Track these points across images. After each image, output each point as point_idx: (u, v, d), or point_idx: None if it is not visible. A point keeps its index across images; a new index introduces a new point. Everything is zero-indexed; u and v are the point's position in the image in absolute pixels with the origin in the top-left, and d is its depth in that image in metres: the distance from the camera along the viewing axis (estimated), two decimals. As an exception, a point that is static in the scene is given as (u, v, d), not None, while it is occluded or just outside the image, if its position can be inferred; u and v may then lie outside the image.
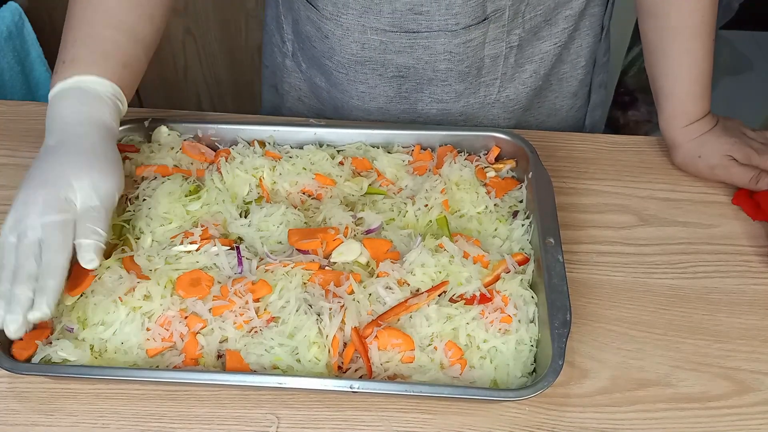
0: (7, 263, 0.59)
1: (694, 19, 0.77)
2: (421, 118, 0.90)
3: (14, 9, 1.35)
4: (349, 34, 0.81)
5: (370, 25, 0.80)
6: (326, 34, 0.83)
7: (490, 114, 0.91)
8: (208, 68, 1.79)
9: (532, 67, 0.88)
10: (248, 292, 0.63)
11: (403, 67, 0.84)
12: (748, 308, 0.70)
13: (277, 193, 0.75)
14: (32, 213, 0.60)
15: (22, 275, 0.58)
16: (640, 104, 1.97)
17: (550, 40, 0.86)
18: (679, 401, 0.62)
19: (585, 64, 0.93)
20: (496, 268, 0.66)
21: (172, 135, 0.79)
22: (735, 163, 0.79)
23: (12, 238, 0.59)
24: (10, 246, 0.59)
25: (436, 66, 0.83)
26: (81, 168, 0.62)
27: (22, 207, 0.61)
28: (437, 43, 0.80)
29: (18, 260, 0.58)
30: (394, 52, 0.82)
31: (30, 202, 0.61)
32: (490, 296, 0.63)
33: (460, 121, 0.90)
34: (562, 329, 0.60)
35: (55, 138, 0.65)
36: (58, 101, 0.67)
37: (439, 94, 0.87)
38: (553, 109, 0.96)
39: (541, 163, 0.74)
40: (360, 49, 0.82)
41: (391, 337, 0.60)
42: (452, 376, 0.60)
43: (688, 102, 0.81)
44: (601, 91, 1.00)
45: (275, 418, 0.60)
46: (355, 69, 0.85)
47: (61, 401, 0.61)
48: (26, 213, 0.60)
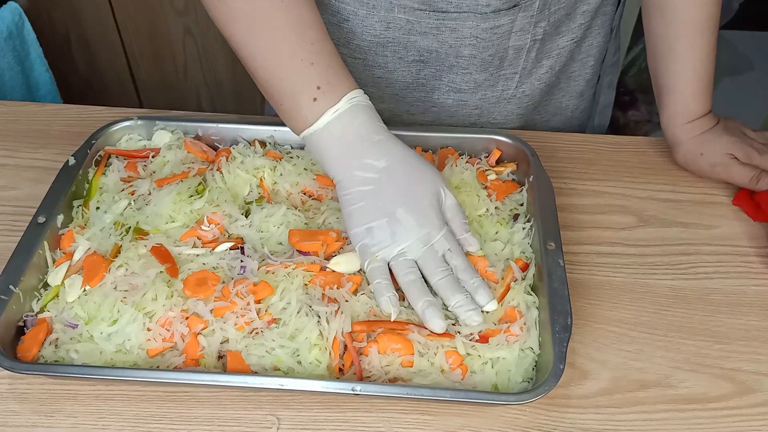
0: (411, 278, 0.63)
1: (700, 15, 0.78)
2: (435, 108, 0.89)
3: (14, 9, 1.35)
4: (374, 13, 0.80)
5: (398, 2, 0.78)
6: (346, 16, 0.81)
7: (505, 110, 0.90)
8: (208, 68, 1.79)
9: (549, 62, 0.87)
10: (250, 293, 0.63)
11: (426, 50, 0.83)
12: (749, 309, 0.70)
13: (277, 193, 0.75)
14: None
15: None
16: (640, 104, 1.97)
17: (567, 35, 0.86)
18: (680, 402, 0.62)
19: (593, 64, 0.93)
20: (506, 278, 0.66)
21: (173, 136, 0.79)
22: (736, 162, 0.79)
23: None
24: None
25: (459, 51, 0.82)
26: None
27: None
28: (464, 26, 0.79)
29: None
30: (419, 33, 0.81)
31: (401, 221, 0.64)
32: (499, 329, 0.62)
33: (474, 114, 0.90)
34: (563, 333, 0.60)
35: (384, 160, 0.65)
36: (348, 121, 0.65)
37: (458, 82, 0.86)
38: (558, 108, 0.96)
39: (541, 166, 0.74)
40: (384, 29, 0.81)
41: (390, 341, 0.60)
42: (453, 380, 0.60)
43: (692, 99, 0.81)
44: (609, 92, 1.00)
45: (276, 419, 0.60)
46: (375, 52, 0.84)
47: (61, 402, 0.61)
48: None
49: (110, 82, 1.84)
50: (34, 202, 0.71)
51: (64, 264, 0.66)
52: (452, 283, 0.63)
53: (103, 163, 0.76)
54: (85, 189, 0.74)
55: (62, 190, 0.71)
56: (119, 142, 0.79)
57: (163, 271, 0.65)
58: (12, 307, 0.62)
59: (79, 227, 0.70)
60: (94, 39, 1.73)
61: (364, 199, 0.64)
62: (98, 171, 0.76)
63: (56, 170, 0.73)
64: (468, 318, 0.62)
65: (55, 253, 0.68)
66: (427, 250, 0.64)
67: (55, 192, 0.71)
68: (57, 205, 0.69)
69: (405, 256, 0.64)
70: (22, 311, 0.63)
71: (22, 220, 0.74)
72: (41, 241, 0.66)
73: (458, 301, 0.62)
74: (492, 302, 0.63)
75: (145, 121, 0.79)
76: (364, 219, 0.64)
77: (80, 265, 0.66)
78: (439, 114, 0.90)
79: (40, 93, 1.48)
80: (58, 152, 0.83)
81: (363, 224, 0.64)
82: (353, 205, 0.65)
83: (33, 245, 0.66)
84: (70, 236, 0.69)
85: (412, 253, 0.63)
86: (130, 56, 1.78)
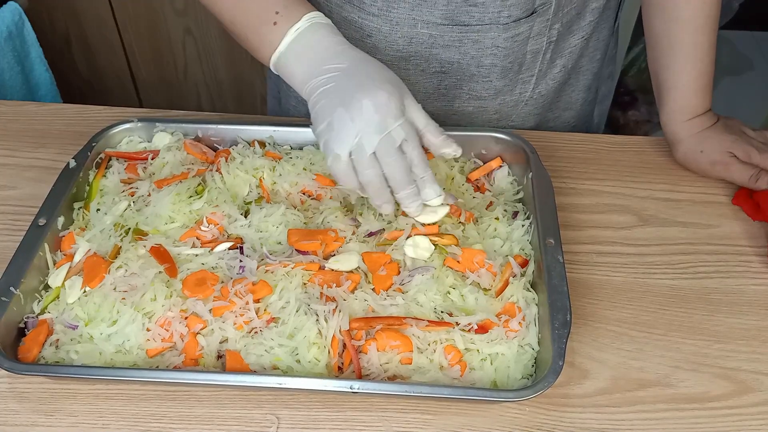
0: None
1: (701, 13, 0.78)
2: (456, 116, 0.90)
3: (14, 9, 1.35)
4: (397, 29, 0.80)
5: (421, 18, 0.79)
6: (369, 32, 0.82)
7: (523, 112, 0.91)
8: (208, 68, 1.79)
9: (562, 61, 0.88)
10: (249, 292, 0.63)
11: (447, 62, 0.83)
12: (748, 308, 0.70)
13: (277, 193, 0.75)
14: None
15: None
16: (640, 104, 1.97)
17: (578, 33, 0.87)
18: (679, 402, 0.62)
19: (600, 57, 0.93)
20: (504, 272, 0.66)
21: (172, 137, 0.79)
22: (735, 160, 0.79)
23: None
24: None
25: (481, 61, 0.83)
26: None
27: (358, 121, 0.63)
28: (486, 37, 0.80)
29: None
30: (442, 47, 0.81)
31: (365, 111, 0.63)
32: (497, 322, 0.62)
33: (494, 119, 0.90)
34: (563, 330, 0.60)
35: (345, 62, 0.66)
36: (309, 37, 0.67)
37: (479, 90, 0.86)
38: (569, 103, 0.96)
39: (541, 164, 0.74)
40: (407, 44, 0.82)
41: (389, 338, 0.60)
42: (452, 377, 0.60)
43: (692, 96, 0.81)
44: (609, 82, 1.01)
45: (275, 418, 0.60)
46: (398, 66, 0.84)
47: (61, 401, 0.61)
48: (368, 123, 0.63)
49: (110, 82, 1.84)
50: (34, 202, 0.72)
51: (64, 266, 0.66)
52: (403, 175, 0.64)
53: (103, 165, 0.77)
54: (86, 191, 0.75)
55: (63, 193, 0.71)
56: (119, 145, 0.79)
57: (162, 271, 0.65)
58: (13, 309, 0.62)
59: (79, 229, 0.70)
60: (94, 39, 1.73)
61: (325, 97, 0.65)
62: (99, 173, 0.76)
63: (56, 170, 0.74)
64: (408, 208, 0.66)
65: (55, 254, 0.68)
66: (383, 139, 0.63)
67: (55, 194, 0.71)
68: (57, 207, 0.70)
69: (364, 148, 0.63)
70: (23, 313, 0.63)
71: (22, 219, 0.74)
72: (42, 243, 0.66)
73: (406, 193, 0.65)
74: (438, 198, 0.66)
75: (145, 123, 0.79)
76: (324, 115, 0.65)
77: (80, 267, 0.66)
78: (460, 121, 0.91)
79: (40, 93, 1.48)
80: (58, 152, 0.83)
81: (324, 121, 0.65)
82: (317, 106, 0.65)
83: (34, 247, 0.66)
84: (70, 238, 0.69)
85: (370, 144, 0.63)
86: (130, 56, 1.78)
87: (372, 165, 0.63)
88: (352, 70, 0.65)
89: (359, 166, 0.64)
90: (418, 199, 0.65)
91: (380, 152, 0.63)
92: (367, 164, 0.63)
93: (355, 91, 0.63)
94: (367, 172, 0.63)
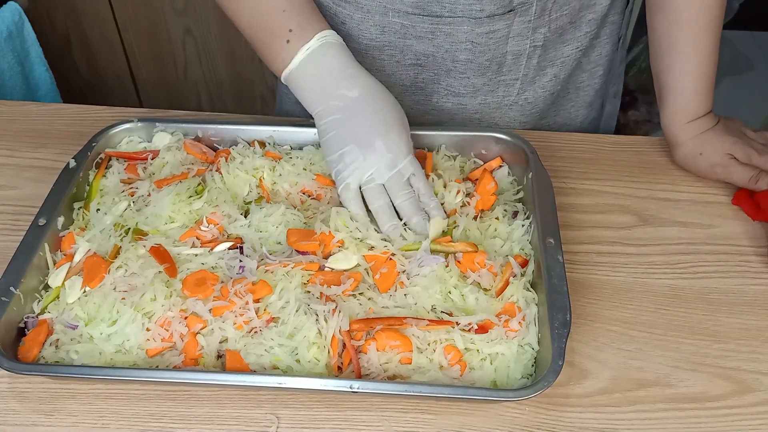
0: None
1: (704, 15, 0.78)
2: (434, 111, 0.90)
3: (14, 9, 1.36)
4: (369, 17, 0.81)
5: (392, 6, 0.79)
6: (342, 20, 0.82)
7: (507, 116, 0.90)
8: (208, 68, 1.79)
9: (553, 70, 0.87)
10: (248, 292, 0.63)
11: (422, 54, 0.83)
12: (748, 308, 0.70)
13: (277, 193, 0.75)
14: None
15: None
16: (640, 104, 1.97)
17: (572, 43, 0.86)
18: (679, 401, 0.62)
19: (602, 74, 0.93)
20: (505, 273, 0.66)
21: (172, 137, 0.79)
22: (735, 162, 0.79)
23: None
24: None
25: (456, 56, 0.83)
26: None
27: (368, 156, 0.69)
28: (459, 31, 0.80)
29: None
30: (415, 38, 0.82)
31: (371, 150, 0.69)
32: (497, 322, 0.62)
33: (475, 119, 0.90)
34: (562, 329, 0.60)
35: (355, 90, 0.70)
36: (319, 57, 0.70)
37: (456, 86, 0.86)
38: (568, 119, 0.96)
39: (541, 164, 0.74)
40: (379, 33, 0.82)
41: (389, 338, 0.60)
42: (452, 377, 0.60)
43: (693, 98, 0.81)
44: (615, 101, 1.01)
45: (275, 418, 0.60)
46: (372, 55, 0.84)
47: (61, 401, 0.61)
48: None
49: (110, 82, 1.84)
50: (34, 202, 0.72)
51: (64, 265, 0.66)
52: (413, 205, 0.69)
53: (103, 165, 0.77)
54: (86, 191, 0.75)
55: (63, 193, 0.71)
56: (119, 145, 0.79)
57: (161, 271, 0.65)
58: (13, 309, 0.62)
59: (79, 229, 0.70)
60: (94, 39, 1.73)
61: (337, 128, 0.70)
62: (99, 173, 0.76)
63: (56, 170, 0.74)
64: (417, 230, 0.69)
65: (55, 254, 0.68)
66: (394, 175, 0.69)
67: (55, 194, 0.71)
68: (57, 207, 0.70)
69: (374, 180, 0.69)
70: (23, 313, 0.63)
71: (22, 219, 0.74)
72: (42, 243, 0.66)
73: (416, 220, 0.69)
74: (444, 221, 0.70)
75: (145, 123, 0.79)
76: (337, 146, 0.70)
77: (80, 267, 0.66)
78: (438, 117, 0.90)
79: (40, 93, 1.48)
80: (58, 152, 0.83)
81: (336, 151, 0.70)
82: (328, 134, 0.70)
83: (34, 247, 0.66)
84: (70, 238, 0.69)
85: (380, 177, 0.69)
86: (130, 56, 1.78)
87: (381, 195, 0.69)
88: (362, 102, 0.70)
89: (369, 197, 0.69)
90: (426, 224, 0.69)
91: (390, 185, 0.69)
92: (377, 195, 0.69)
93: (368, 131, 0.69)
94: (378, 202, 0.69)
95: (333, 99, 0.70)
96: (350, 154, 0.69)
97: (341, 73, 0.70)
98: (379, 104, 0.70)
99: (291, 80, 0.72)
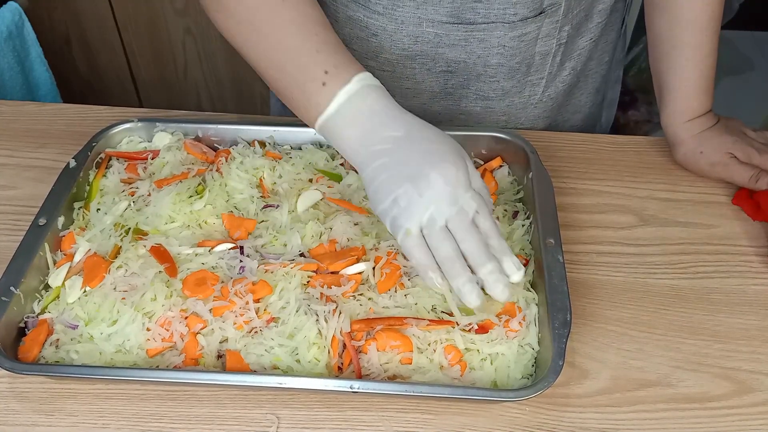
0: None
1: (704, 15, 0.78)
2: (463, 116, 0.90)
3: (14, 9, 1.36)
4: (402, 28, 0.80)
5: (426, 16, 0.78)
6: (375, 31, 0.81)
7: (532, 114, 0.91)
8: (208, 68, 1.79)
9: (571, 64, 0.88)
10: (249, 292, 0.63)
11: (453, 61, 0.83)
12: (749, 308, 0.70)
13: (277, 193, 0.75)
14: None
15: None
16: (640, 104, 1.97)
17: (587, 35, 0.86)
18: (679, 401, 0.62)
19: (608, 60, 0.94)
20: None
21: (173, 137, 0.79)
22: (736, 161, 0.79)
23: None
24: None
25: (487, 60, 0.82)
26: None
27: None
28: (492, 36, 0.80)
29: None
30: (448, 45, 0.81)
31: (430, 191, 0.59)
32: (497, 322, 0.62)
33: (502, 121, 0.90)
34: (563, 329, 0.60)
35: (401, 130, 0.61)
36: (360, 101, 0.62)
37: (485, 90, 0.86)
38: (578, 106, 0.96)
39: (541, 163, 0.74)
40: (412, 43, 0.81)
41: (389, 338, 0.60)
42: (452, 377, 0.60)
43: (693, 97, 0.81)
44: (616, 87, 1.01)
45: (275, 418, 0.60)
46: (404, 64, 0.84)
47: (61, 401, 0.61)
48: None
49: (110, 82, 1.84)
50: (34, 202, 0.72)
51: (64, 265, 0.66)
52: (483, 250, 0.60)
53: (103, 165, 0.77)
54: (86, 191, 0.75)
55: (63, 192, 0.71)
56: (120, 145, 0.79)
57: (162, 271, 0.65)
58: (13, 309, 0.62)
59: (79, 229, 0.70)
60: (94, 39, 1.73)
61: (385, 171, 0.60)
62: (99, 173, 0.76)
63: (56, 170, 0.74)
64: (494, 290, 0.60)
65: (55, 254, 0.68)
66: (457, 213, 0.59)
67: (55, 194, 0.71)
68: (58, 207, 0.70)
69: (436, 222, 0.59)
70: (23, 313, 0.63)
71: (22, 219, 0.74)
72: (42, 242, 0.66)
73: (488, 269, 0.60)
74: (519, 272, 0.61)
75: (145, 123, 0.79)
76: (389, 190, 0.60)
77: (80, 267, 0.66)
78: (467, 121, 0.90)
79: (40, 93, 1.48)
80: (58, 152, 0.83)
81: (388, 196, 0.60)
82: (376, 181, 0.61)
83: (34, 247, 0.66)
84: (70, 238, 0.69)
85: (441, 217, 0.59)
86: (130, 56, 1.78)
87: (446, 238, 0.59)
88: (409, 139, 0.61)
89: (432, 241, 0.60)
90: (503, 278, 0.60)
91: (453, 226, 0.60)
92: (441, 238, 0.59)
93: (420, 165, 0.59)
94: (443, 247, 0.59)
95: (378, 143, 0.61)
96: (404, 196, 0.59)
97: (386, 116, 0.62)
98: (429, 137, 0.61)
99: (328, 128, 0.63)
